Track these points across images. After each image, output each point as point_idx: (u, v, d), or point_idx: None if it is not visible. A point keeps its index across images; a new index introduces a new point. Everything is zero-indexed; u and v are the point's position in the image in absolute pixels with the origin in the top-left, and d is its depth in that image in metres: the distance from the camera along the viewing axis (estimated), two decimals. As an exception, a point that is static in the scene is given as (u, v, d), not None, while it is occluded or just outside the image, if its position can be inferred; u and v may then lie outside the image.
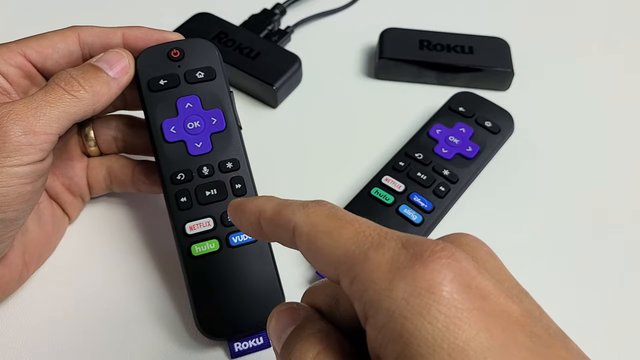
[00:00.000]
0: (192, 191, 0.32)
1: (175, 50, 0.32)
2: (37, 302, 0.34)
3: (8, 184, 0.27)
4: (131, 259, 0.36)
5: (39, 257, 0.34)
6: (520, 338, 0.17)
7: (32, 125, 0.27)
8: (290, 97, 0.47)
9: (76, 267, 0.36)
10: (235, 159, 0.32)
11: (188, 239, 0.31)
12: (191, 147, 0.32)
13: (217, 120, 0.33)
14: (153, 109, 0.32)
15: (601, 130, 0.45)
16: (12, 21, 0.52)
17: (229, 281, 0.31)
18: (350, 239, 0.19)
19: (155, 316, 0.34)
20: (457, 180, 0.38)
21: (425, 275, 0.17)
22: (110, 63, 0.31)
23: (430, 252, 0.18)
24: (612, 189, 0.42)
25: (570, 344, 0.18)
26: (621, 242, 0.39)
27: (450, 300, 0.17)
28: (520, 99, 0.47)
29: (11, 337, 0.33)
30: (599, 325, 0.35)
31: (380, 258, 0.18)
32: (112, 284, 0.35)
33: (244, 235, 0.32)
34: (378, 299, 0.17)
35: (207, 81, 0.33)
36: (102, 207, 0.39)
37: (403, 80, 0.48)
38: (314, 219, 0.20)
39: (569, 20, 0.55)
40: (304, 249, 0.20)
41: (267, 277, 0.32)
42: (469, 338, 0.16)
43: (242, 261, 0.32)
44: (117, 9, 0.53)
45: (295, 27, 0.51)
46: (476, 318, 0.17)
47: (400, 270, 0.17)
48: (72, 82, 0.29)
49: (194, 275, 0.31)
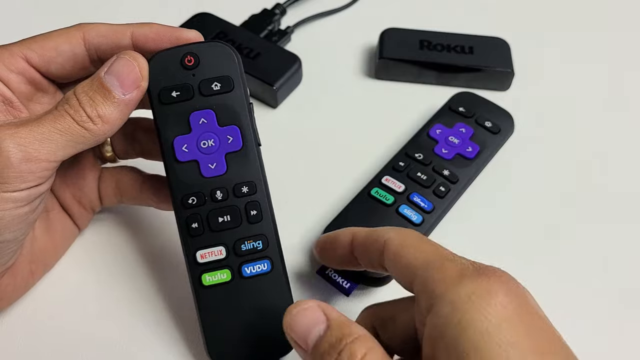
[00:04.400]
0: (204, 217, 0.30)
1: (190, 57, 0.29)
2: (38, 322, 0.33)
3: (4, 208, 0.26)
4: (140, 273, 0.36)
5: (45, 265, 0.34)
6: (553, 353, 0.21)
7: (36, 152, 0.26)
8: (290, 97, 0.47)
9: (80, 282, 0.35)
10: (251, 182, 0.30)
11: (199, 267, 0.30)
12: (204, 168, 0.30)
13: (233, 138, 0.30)
14: (164, 124, 0.29)
15: (601, 130, 0.45)
16: (11, 16, 0.52)
17: (241, 312, 0.30)
18: (430, 252, 0.25)
19: (163, 342, 0.33)
20: (457, 180, 0.38)
21: (487, 283, 0.22)
22: (120, 77, 0.27)
23: (492, 270, 0.23)
24: (612, 188, 0.42)
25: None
26: (621, 241, 0.39)
27: (505, 306, 0.21)
28: (520, 99, 0.47)
29: (12, 349, 0.32)
30: (600, 325, 0.35)
31: (453, 266, 0.23)
32: (117, 303, 0.34)
33: (257, 265, 0.30)
34: (445, 293, 0.22)
35: (223, 93, 0.29)
36: (113, 216, 0.38)
37: (403, 80, 0.48)
38: (404, 236, 0.26)
39: (569, 20, 0.55)
40: (390, 258, 0.26)
41: (281, 310, 0.29)
42: (515, 338, 0.20)
43: (255, 293, 0.30)
44: (117, 9, 0.53)
45: (295, 27, 0.51)
46: (523, 325, 0.21)
47: (467, 276, 0.22)
48: (80, 112, 0.27)
49: (204, 305, 0.30)
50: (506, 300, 0.21)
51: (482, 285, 0.22)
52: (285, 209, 0.37)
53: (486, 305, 0.21)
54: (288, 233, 0.38)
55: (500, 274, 0.23)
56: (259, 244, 0.30)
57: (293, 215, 0.39)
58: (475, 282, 0.22)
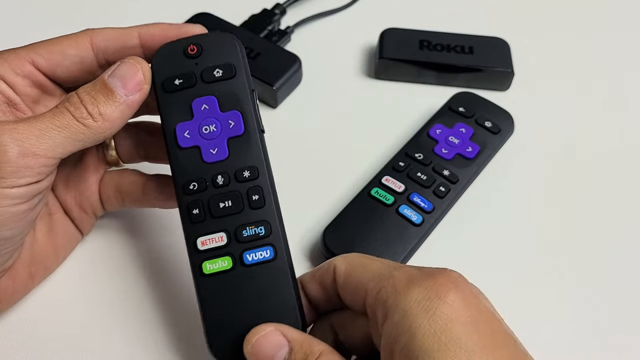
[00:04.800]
0: (205, 202, 0.29)
1: (193, 46, 0.29)
2: (41, 319, 0.33)
3: (1, 204, 0.26)
4: (144, 274, 0.36)
5: (46, 269, 0.33)
6: (502, 348, 0.21)
7: (33, 147, 0.26)
8: (290, 97, 0.47)
9: (83, 282, 0.35)
10: (253, 167, 0.29)
11: (200, 255, 0.29)
12: (206, 154, 0.29)
13: (235, 123, 0.29)
14: (167, 112, 0.29)
15: (602, 130, 0.45)
16: (13, 17, 0.52)
17: (243, 302, 0.29)
18: (379, 267, 0.25)
19: (166, 335, 0.33)
20: (457, 180, 0.38)
21: (435, 286, 0.22)
22: (123, 80, 0.28)
23: (440, 272, 0.23)
24: (612, 188, 0.42)
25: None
26: (621, 241, 0.39)
27: (453, 305, 0.22)
28: (520, 99, 0.47)
29: (12, 349, 0.32)
30: (600, 326, 0.35)
31: (401, 275, 0.24)
32: (120, 300, 0.34)
33: (260, 252, 0.29)
34: (396, 302, 0.23)
35: (225, 80, 0.30)
36: (116, 221, 0.38)
37: (403, 80, 0.48)
38: (350, 258, 0.27)
39: (569, 20, 0.55)
40: (341, 283, 0.26)
41: (284, 300, 0.29)
42: (463, 335, 0.21)
43: (257, 281, 0.29)
44: (116, 8, 0.53)
45: (295, 27, 0.51)
46: (471, 323, 0.21)
47: (415, 282, 0.23)
48: (81, 109, 0.27)
49: (205, 295, 0.29)
50: (454, 299, 0.22)
51: (430, 289, 0.22)
52: (285, 209, 0.37)
53: (434, 308, 0.22)
54: (288, 233, 0.38)
55: (448, 274, 0.23)
56: (261, 230, 0.29)
57: (293, 215, 0.39)
58: (422, 287, 0.22)
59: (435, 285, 0.22)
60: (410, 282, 0.23)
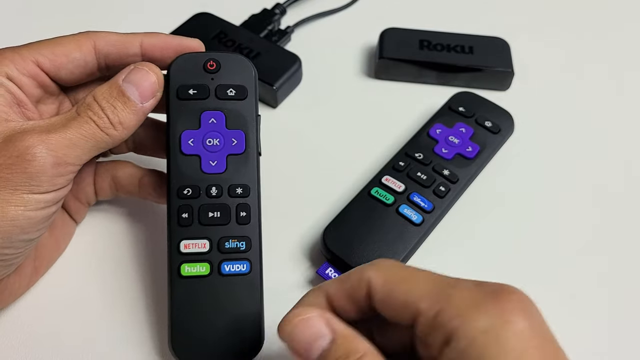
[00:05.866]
0: (196, 209, 0.31)
1: (212, 62, 0.31)
2: (41, 319, 0.34)
3: (35, 208, 0.27)
4: (144, 274, 0.36)
5: (48, 262, 0.34)
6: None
7: (65, 157, 0.27)
8: (290, 97, 0.47)
9: (83, 282, 0.35)
10: (246, 186, 0.31)
11: (180, 256, 0.31)
12: (205, 164, 0.31)
13: (237, 141, 0.31)
14: (176, 117, 0.31)
15: (602, 130, 0.45)
16: (12, 14, 0.52)
17: (211, 309, 0.30)
18: (428, 283, 0.23)
19: (130, 332, 0.33)
20: (457, 180, 0.38)
21: (503, 311, 0.21)
22: (140, 87, 0.29)
23: (506, 293, 0.22)
24: (612, 189, 0.42)
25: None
26: (621, 240, 0.39)
27: (522, 335, 0.21)
28: (520, 99, 0.47)
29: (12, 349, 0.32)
30: (600, 327, 0.35)
31: (462, 295, 0.22)
32: (120, 300, 0.35)
33: (237, 265, 0.31)
34: (462, 328, 0.21)
35: (236, 100, 0.32)
36: (103, 211, 0.38)
37: (403, 80, 0.48)
38: (387, 271, 0.25)
39: (569, 20, 0.55)
40: (380, 299, 0.24)
41: (250, 313, 0.31)
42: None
43: (229, 291, 0.31)
44: (116, 8, 0.53)
45: (295, 27, 0.51)
46: (539, 354, 0.21)
47: (481, 306, 0.22)
48: (104, 118, 0.29)
49: (177, 295, 0.30)
50: (522, 328, 0.21)
51: (498, 315, 0.21)
52: (285, 209, 0.38)
53: (504, 338, 0.21)
54: (288, 233, 0.38)
55: (512, 295, 0.22)
56: (242, 245, 0.31)
57: (293, 215, 0.39)
58: (489, 313, 0.21)
59: (503, 310, 0.21)
60: (475, 305, 0.22)
